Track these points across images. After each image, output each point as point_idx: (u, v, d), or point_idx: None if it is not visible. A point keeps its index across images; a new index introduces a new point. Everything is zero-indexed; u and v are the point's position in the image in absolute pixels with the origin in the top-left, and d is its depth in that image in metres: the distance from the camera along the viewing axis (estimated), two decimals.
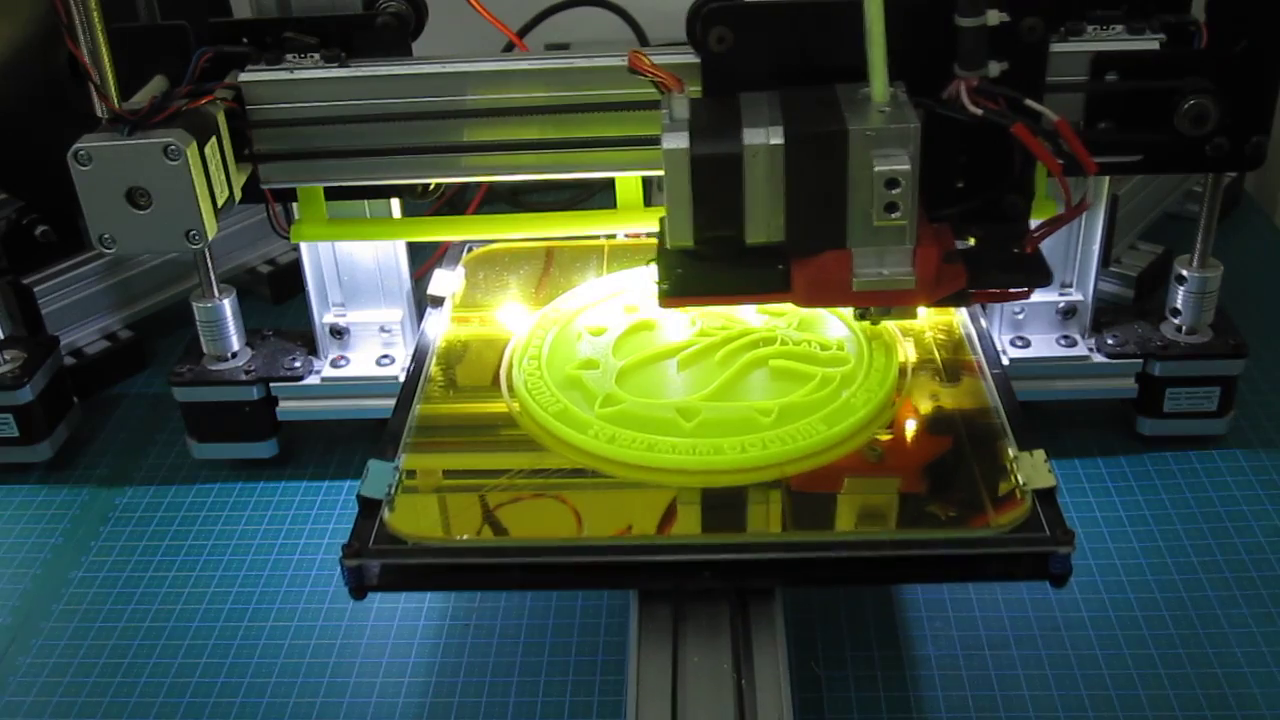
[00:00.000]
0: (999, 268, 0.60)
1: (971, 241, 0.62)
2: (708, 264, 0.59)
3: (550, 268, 0.84)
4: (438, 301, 0.80)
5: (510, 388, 0.70)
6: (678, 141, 0.55)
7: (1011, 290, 0.61)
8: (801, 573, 0.57)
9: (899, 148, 0.54)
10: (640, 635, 0.56)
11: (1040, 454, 0.59)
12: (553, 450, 0.65)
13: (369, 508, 0.59)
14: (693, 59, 0.64)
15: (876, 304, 0.60)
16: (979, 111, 0.57)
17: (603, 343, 0.72)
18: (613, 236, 0.85)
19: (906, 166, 0.54)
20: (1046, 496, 0.57)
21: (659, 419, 0.65)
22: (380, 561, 0.57)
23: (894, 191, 0.54)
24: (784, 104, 0.58)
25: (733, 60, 0.62)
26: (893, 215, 0.55)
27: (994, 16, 0.57)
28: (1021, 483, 0.58)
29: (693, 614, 0.57)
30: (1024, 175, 0.62)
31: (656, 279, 0.60)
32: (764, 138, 0.55)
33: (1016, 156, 0.60)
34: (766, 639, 0.56)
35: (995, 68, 0.58)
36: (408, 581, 0.60)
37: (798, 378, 0.68)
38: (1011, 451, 0.61)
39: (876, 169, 0.54)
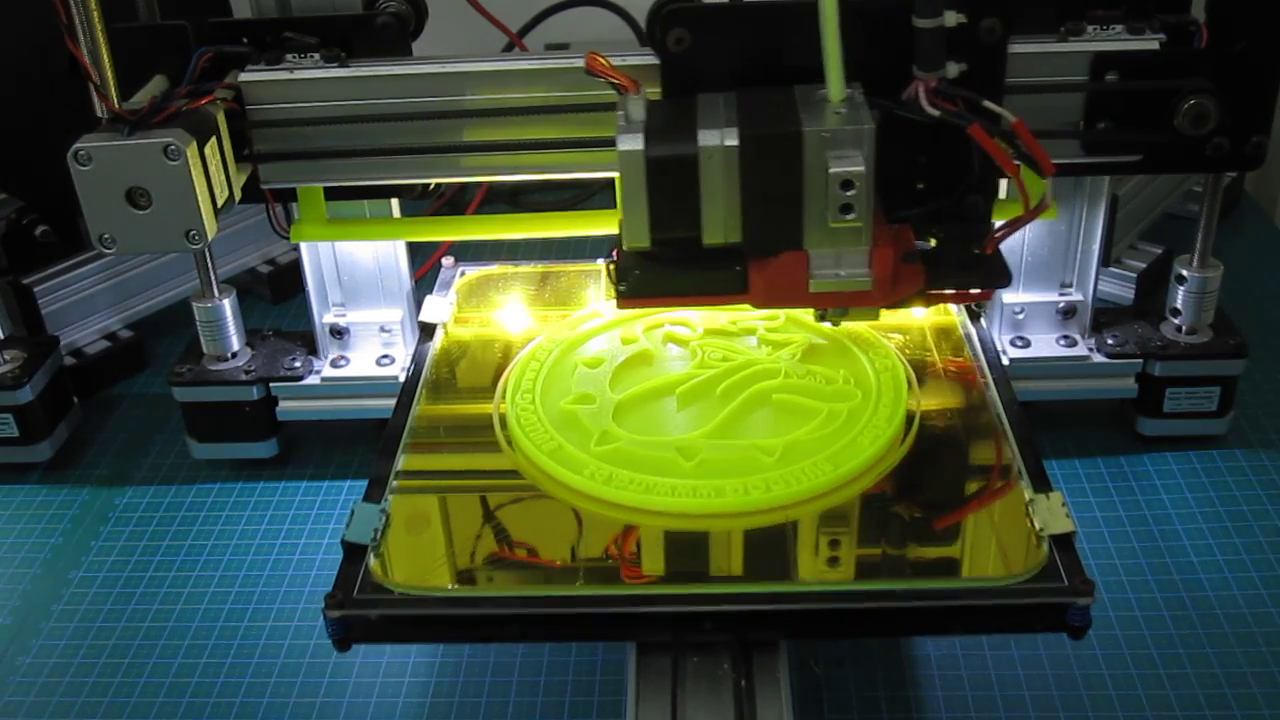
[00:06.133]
0: (958, 268, 0.60)
1: (933, 242, 0.62)
2: (665, 265, 0.59)
3: (545, 293, 0.82)
4: (429, 329, 0.78)
5: (503, 424, 0.68)
6: (632, 143, 0.55)
7: (971, 291, 0.61)
8: (807, 624, 0.55)
9: (854, 149, 0.54)
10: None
11: (1058, 497, 0.58)
12: (547, 490, 0.63)
13: (354, 553, 0.57)
14: (655, 60, 0.63)
15: (833, 305, 0.59)
16: (936, 113, 0.57)
17: (599, 375, 0.70)
18: (611, 259, 0.84)
19: (861, 168, 0.54)
20: (1064, 542, 0.55)
21: (657, 458, 0.63)
22: (365, 613, 0.55)
23: (849, 193, 0.54)
24: (740, 105, 0.58)
25: (691, 61, 0.62)
26: (848, 216, 0.55)
27: (952, 18, 0.57)
28: (1038, 528, 0.56)
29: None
30: (984, 176, 0.61)
31: (613, 281, 0.59)
32: (719, 139, 0.55)
33: (976, 158, 0.60)
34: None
35: (954, 69, 0.58)
36: (395, 634, 0.57)
37: (802, 413, 0.66)
38: (1027, 494, 0.59)
39: (831, 170, 0.54)
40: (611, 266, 0.61)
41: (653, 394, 0.68)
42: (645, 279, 0.59)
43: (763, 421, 0.66)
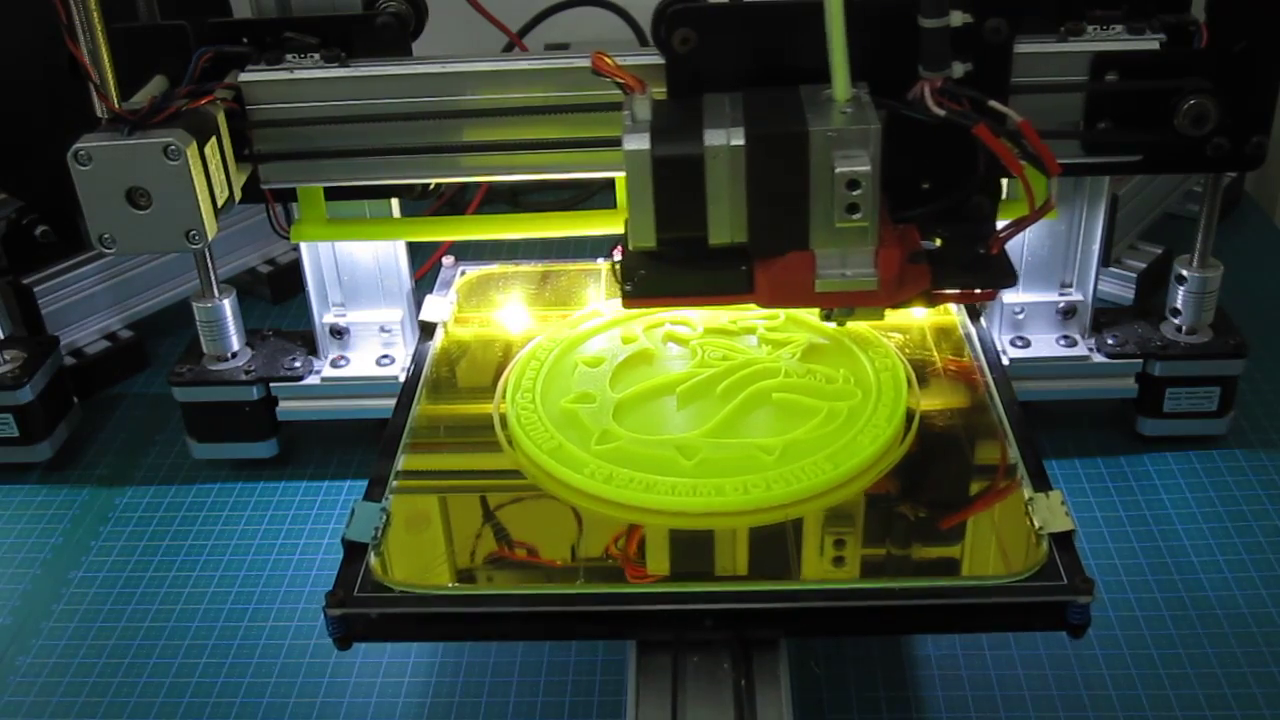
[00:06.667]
0: (963, 268, 0.60)
1: (938, 242, 0.62)
2: (671, 265, 0.59)
3: (546, 292, 0.82)
4: (429, 329, 0.78)
5: (503, 423, 0.67)
6: (638, 143, 0.55)
7: (976, 291, 0.61)
8: (807, 622, 0.55)
9: (860, 148, 0.54)
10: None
11: (1057, 495, 0.58)
12: (547, 489, 0.63)
13: (354, 552, 0.57)
14: (660, 60, 0.63)
15: (839, 305, 0.59)
16: (942, 112, 0.57)
17: (599, 374, 0.70)
18: (612, 258, 0.84)
19: (867, 168, 0.54)
20: (1063, 541, 0.55)
21: (658, 457, 0.63)
22: (365, 611, 0.54)
23: (855, 193, 0.54)
24: (746, 105, 0.58)
25: (697, 61, 0.62)
26: (854, 216, 0.55)
27: (957, 18, 0.57)
28: (1037, 526, 0.56)
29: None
30: (989, 176, 0.61)
31: (620, 280, 0.59)
32: (725, 139, 0.55)
33: (981, 158, 0.60)
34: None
35: (959, 69, 0.58)
36: (396, 632, 0.57)
37: (802, 412, 0.66)
38: (1027, 493, 0.59)
39: (837, 170, 0.54)
40: (613, 266, 0.61)
41: (653, 393, 0.68)
42: (651, 279, 0.59)
43: (763, 420, 0.66)
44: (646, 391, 0.68)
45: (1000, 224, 0.61)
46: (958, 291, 0.61)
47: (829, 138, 0.54)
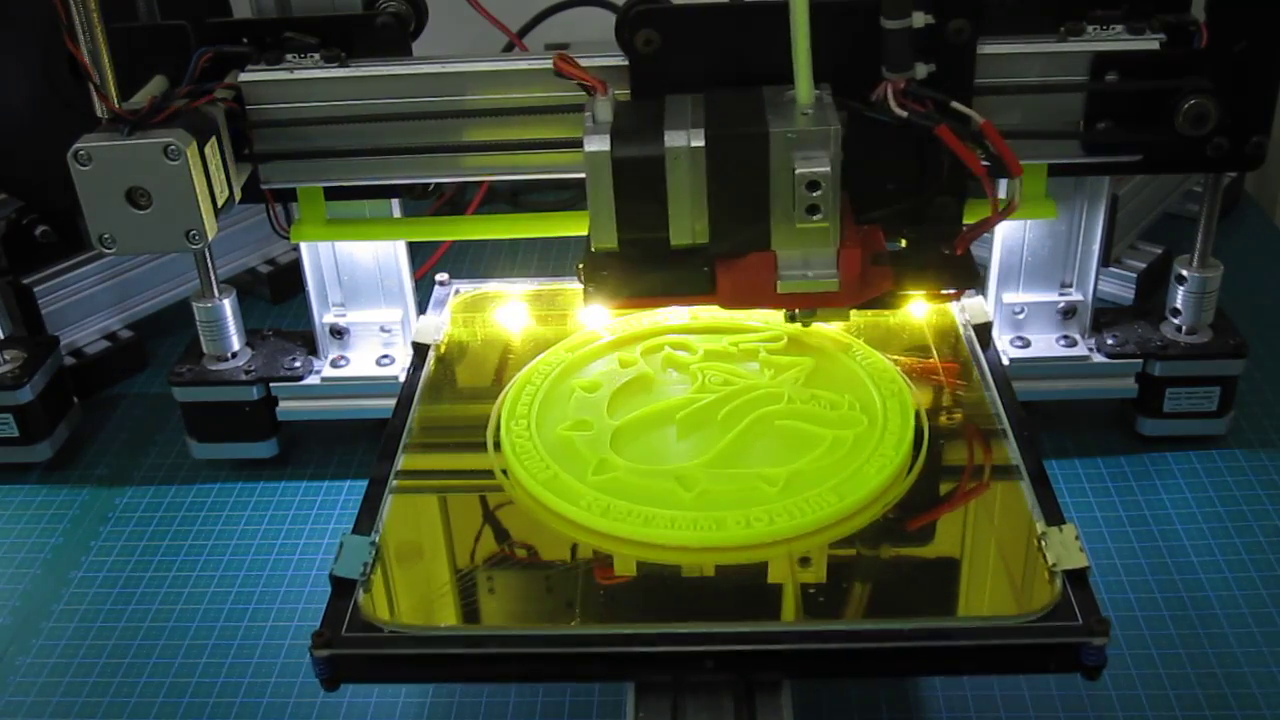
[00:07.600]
0: (927, 269, 0.60)
1: (903, 243, 0.61)
2: (634, 266, 0.58)
3: (542, 312, 0.79)
4: (422, 350, 0.75)
5: (497, 449, 0.65)
6: (599, 144, 0.56)
7: (940, 292, 0.61)
8: (812, 664, 0.53)
9: (820, 150, 0.54)
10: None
11: (1071, 529, 0.55)
12: (543, 521, 0.60)
13: (343, 588, 0.54)
14: (624, 61, 0.63)
15: (801, 306, 0.59)
16: (905, 114, 0.57)
17: (597, 400, 0.67)
18: None
19: (827, 169, 0.54)
20: (1078, 578, 0.53)
21: (656, 488, 0.60)
22: (354, 652, 0.52)
23: (815, 194, 0.54)
24: (708, 106, 0.58)
25: (661, 62, 0.62)
26: (815, 217, 0.55)
27: (920, 19, 0.57)
28: (1051, 563, 0.54)
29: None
30: (954, 177, 0.61)
31: (582, 281, 0.59)
32: (685, 140, 0.55)
33: (945, 159, 0.59)
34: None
35: (922, 70, 0.58)
36: (386, 673, 0.55)
37: (806, 440, 0.63)
38: (1039, 527, 0.56)
39: (797, 171, 0.54)
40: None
41: (652, 420, 0.66)
42: (614, 280, 0.59)
43: (765, 449, 0.63)
44: (645, 418, 0.66)
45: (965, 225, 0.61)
46: (922, 292, 0.61)
47: (789, 139, 0.54)
